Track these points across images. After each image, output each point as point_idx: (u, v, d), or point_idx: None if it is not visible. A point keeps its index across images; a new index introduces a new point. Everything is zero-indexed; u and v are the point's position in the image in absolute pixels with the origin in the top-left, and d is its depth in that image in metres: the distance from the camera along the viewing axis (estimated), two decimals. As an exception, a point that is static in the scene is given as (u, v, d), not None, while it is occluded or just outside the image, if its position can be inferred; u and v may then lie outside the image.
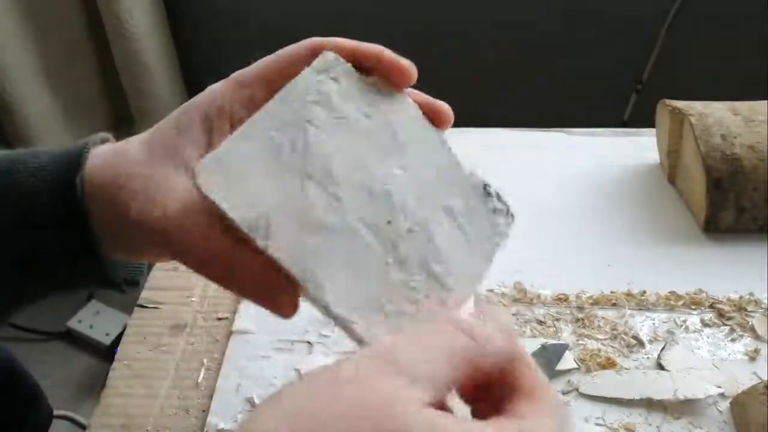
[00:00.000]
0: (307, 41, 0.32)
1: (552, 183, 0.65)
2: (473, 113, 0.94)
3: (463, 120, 0.77)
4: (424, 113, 0.32)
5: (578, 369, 0.47)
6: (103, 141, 0.34)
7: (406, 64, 0.31)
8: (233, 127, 0.31)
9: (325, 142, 0.29)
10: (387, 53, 0.31)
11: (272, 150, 0.28)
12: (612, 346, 0.48)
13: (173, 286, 0.54)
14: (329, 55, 0.30)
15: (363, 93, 0.31)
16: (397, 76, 0.31)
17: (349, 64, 0.31)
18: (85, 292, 0.36)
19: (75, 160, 0.32)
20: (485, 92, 1.35)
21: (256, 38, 1.33)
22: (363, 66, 0.31)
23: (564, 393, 0.45)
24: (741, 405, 0.42)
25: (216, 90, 0.32)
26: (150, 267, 0.56)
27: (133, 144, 0.32)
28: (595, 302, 0.52)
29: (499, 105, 1.30)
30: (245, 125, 0.29)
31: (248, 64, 0.34)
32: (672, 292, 0.52)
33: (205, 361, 0.49)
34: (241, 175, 0.28)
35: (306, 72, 0.30)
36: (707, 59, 1.26)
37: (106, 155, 0.32)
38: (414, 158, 0.31)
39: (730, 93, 0.68)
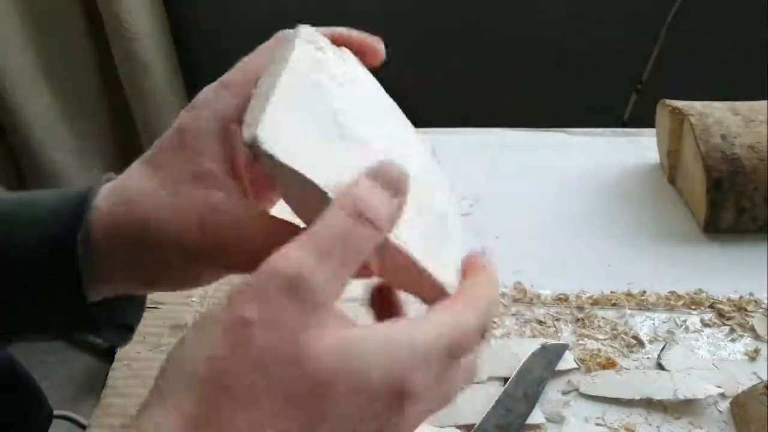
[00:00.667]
0: (278, 34, 0.33)
1: (552, 183, 0.65)
2: (473, 113, 0.94)
3: (463, 120, 0.78)
4: (358, 50, 0.34)
5: (578, 369, 0.47)
6: (107, 181, 0.33)
7: (376, 41, 0.33)
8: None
9: (344, 107, 0.29)
10: (358, 32, 0.33)
11: (307, 118, 0.28)
12: (612, 346, 0.48)
13: (173, 286, 0.54)
14: (307, 28, 0.31)
15: (344, 62, 0.32)
16: (369, 53, 0.33)
17: (325, 37, 0.32)
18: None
19: (74, 215, 0.31)
20: (485, 92, 1.35)
21: (256, 38, 1.32)
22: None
23: (564, 393, 0.45)
24: (741, 405, 0.42)
25: (219, 100, 0.31)
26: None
27: (135, 171, 0.31)
28: (595, 302, 0.52)
29: (499, 105, 1.30)
30: (273, 98, 0.27)
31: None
32: (672, 292, 0.52)
33: (205, 361, 0.49)
34: (299, 142, 0.26)
35: (297, 43, 0.29)
36: (707, 59, 1.26)
37: (110, 195, 0.31)
38: (395, 123, 0.32)
39: (730, 93, 0.68)
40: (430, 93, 1.35)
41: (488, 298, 0.27)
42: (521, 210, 0.62)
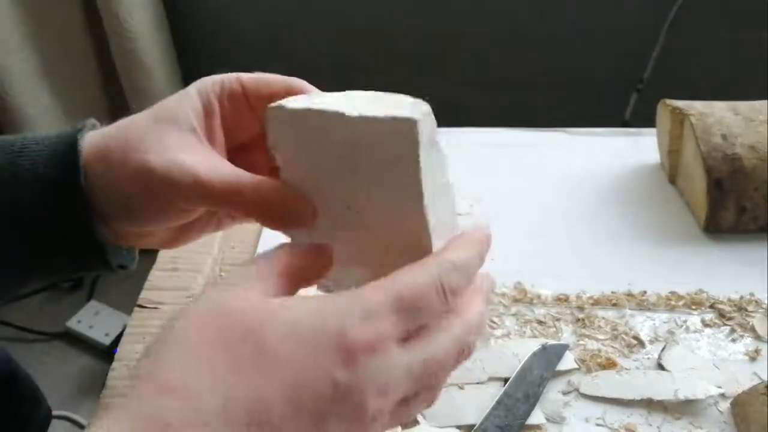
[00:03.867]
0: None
1: (552, 183, 0.65)
2: (473, 113, 0.94)
3: (463, 120, 0.78)
4: None
5: (579, 369, 0.47)
6: (93, 126, 0.36)
7: None
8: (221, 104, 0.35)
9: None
10: None
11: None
12: (612, 347, 0.48)
13: (173, 286, 0.54)
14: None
15: None
16: None
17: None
18: (81, 273, 0.38)
19: (72, 147, 0.33)
20: (486, 92, 1.35)
21: (256, 38, 1.33)
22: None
23: (564, 393, 0.45)
24: (741, 405, 0.42)
25: (214, 77, 0.36)
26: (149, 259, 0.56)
27: (138, 114, 0.35)
28: (596, 302, 0.52)
29: (499, 105, 1.29)
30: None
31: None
32: (672, 293, 0.52)
33: (204, 361, 0.49)
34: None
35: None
36: (707, 59, 1.26)
37: (107, 130, 0.35)
38: None
39: (730, 93, 0.68)
40: (430, 93, 1.34)
41: (448, 259, 0.28)
42: (521, 210, 0.62)
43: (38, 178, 0.33)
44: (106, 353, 1.33)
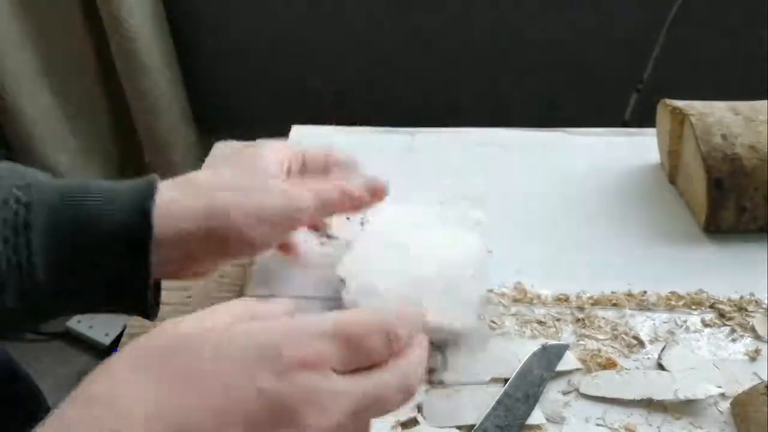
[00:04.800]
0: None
1: (552, 183, 0.65)
2: (473, 113, 0.94)
3: (463, 120, 0.78)
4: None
5: (579, 369, 0.47)
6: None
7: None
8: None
9: None
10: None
11: None
12: (612, 347, 0.48)
13: (173, 286, 0.54)
14: None
15: None
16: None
17: None
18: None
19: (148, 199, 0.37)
20: (485, 92, 1.35)
21: (256, 38, 1.33)
22: None
23: (564, 393, 0.45)
24: (741, 405, 0.42)
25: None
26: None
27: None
28: (596, 302, 0.52)
29: (499, 105, 1.30)
30: None
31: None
32: (672, 293, 0.52)
33: (204, 361, 0.49)
34: None
35: None
36: (707, 59, 1.26)
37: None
38: None
39: (730, 93, 0.68)
40: (430, 93, 1.35)
41: (398, 311, 0.30)
42: (521, 210, 0.62)
43: (112, 233, 0.36)
44: (106, 353, 1.33)
